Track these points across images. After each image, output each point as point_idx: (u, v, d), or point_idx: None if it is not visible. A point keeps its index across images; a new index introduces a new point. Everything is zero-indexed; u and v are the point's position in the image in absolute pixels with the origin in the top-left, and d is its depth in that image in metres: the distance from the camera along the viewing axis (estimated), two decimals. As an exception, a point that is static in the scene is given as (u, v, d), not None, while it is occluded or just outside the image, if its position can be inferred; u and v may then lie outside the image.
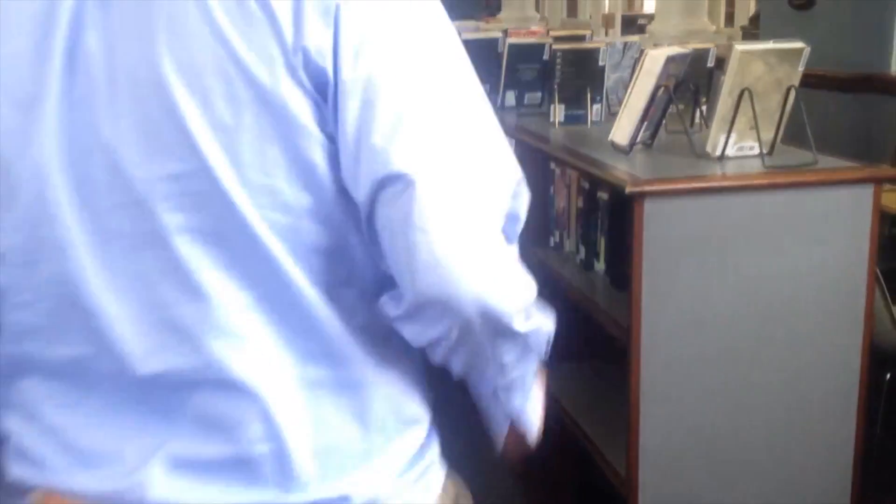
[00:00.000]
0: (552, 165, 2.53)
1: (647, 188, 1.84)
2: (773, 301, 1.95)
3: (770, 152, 2.02)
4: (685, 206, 1.88)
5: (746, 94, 1.93)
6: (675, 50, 2.17)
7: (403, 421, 0.85)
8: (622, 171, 1.96)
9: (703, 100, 2.41)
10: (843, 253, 1.95)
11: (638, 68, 2.10)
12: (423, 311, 0.78)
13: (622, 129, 2.11)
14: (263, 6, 0.72)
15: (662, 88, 2.06)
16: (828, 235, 1.94)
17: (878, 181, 1.92)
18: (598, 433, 2.27)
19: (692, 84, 2.34)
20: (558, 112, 2.56)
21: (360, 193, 0.75)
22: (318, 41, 0.72)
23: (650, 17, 6.26)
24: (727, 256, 1.91)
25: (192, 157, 0.73)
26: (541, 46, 2.78)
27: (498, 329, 0.83)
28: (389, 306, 0.80)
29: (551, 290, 2.51)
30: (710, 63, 2.40)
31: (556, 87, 2.56)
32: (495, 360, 0.88)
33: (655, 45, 2.49)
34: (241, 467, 0.78)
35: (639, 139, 2.13)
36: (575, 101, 2.58)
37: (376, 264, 0.80)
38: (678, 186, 1.87)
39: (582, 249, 2.43)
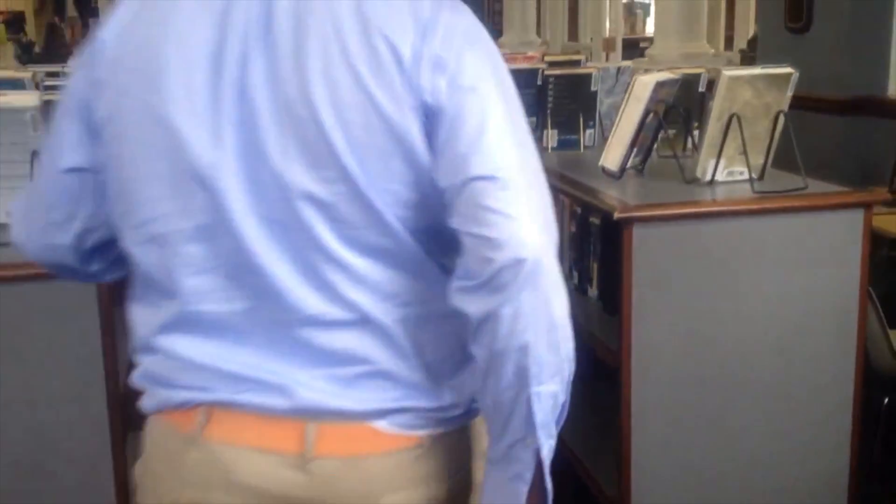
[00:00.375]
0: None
1: (636, 214, 1.84)
2: (764, 326, 1.94)
3: (760, 177, 2.01)
4: (674, 232, 1.88)
5: (735, 119, 1.93)
6: (665, 75, 2.17)
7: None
8: (612, 196, 1.96)
9: (696, 124, 2.41)
10: (835, 277, 1.94)
11: (627, 94, 2.10)
12: (503, 273, 0.97)
13: (612, 155, 2.11)
14: (394, 58, 0.99)
15: (652, 114, 2.06)
16: (818, 260, 1.94)
17: (868, 205, 1.91)
18: (589, 455, 2.26)
19: (683, 109, 2.34)
20: (551, 137, 2.57)
21: (448, 188, 1.01)
22: (428, 83, 1.00)
23: (651, 41, 6.28)
24: (717, 282, 1.90)
25: (337, 169, 1.00)
26: (534, 72, 2.79)
27: (552, 283, 1.02)
28: (459, 280, 1.01)
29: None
30: (702, 88, 2.41)
31: (548, 112, 2.56)
32: (538, 363, 1.01)
33: (646, 71, 2.50)
34: (378, 379, 1.04)
35: (629, 165, 2.14)
36: (568, 126, 2.59)
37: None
38: (667, 212, 1.87)
39: (575, 275, 2.42)
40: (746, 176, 1.99)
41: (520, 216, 0.99)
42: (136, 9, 1.07)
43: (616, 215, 1.83)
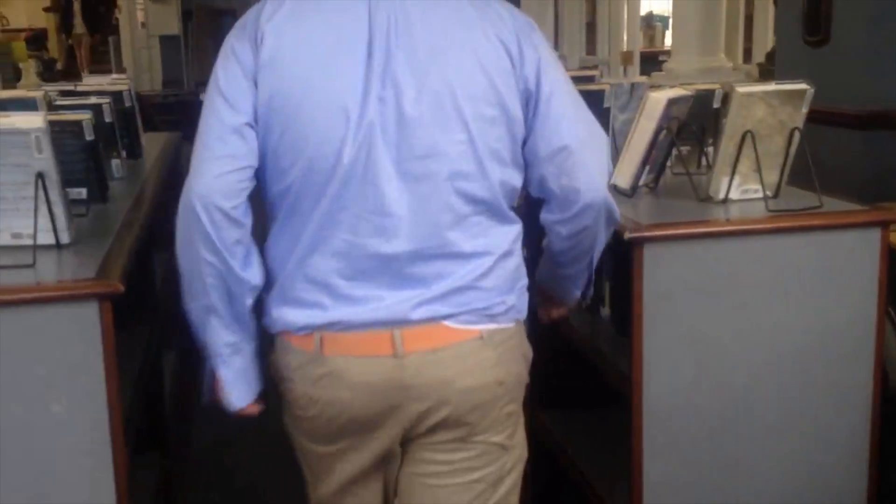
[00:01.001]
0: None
1: (647, 234, 1.81)
2: (780, 348, 1.90)
3: (775, 195, 1.98)
4: (687, 252, 1.84)
5: (749, 136, 1.89)
6: (678, 92, 2.14)
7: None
8: (623, 216, 1.92)
9: (710, 141, 2.37)
10: (851, 297, 1.90)
11: (639, 111, 2.07)
12: (583, 213, 1.49)
13: (624, 173, 2.08)
14: (507, 54, 1.41)
15: (664, 131, 2.03)
16: (834, 279, 1.89)
17: (885, 223, 1.87)
18: (601, 480, 2.22)
19: (697, 126, 2.30)
20: (563, 154, 2.53)
21: (544, 151, 1.46)
22: (530, 74, 1.42)
23: (670, 54, 6.24)
24: (731, 303, 1.86)
25: (466, 133, 1.39)
26: (547, 88, 2.76)
27: (611, 220, 1.56)
28: (554, 215, 1.52)
29: (555, 335, 2.49)
30: (717, 104, 2.37)
31: (561, 128, 2.53)
32: (597, 243, 1.59)
33: (659, 87, 2.47)
34: (466, 292, 1.43)
35: (641, 182, 2.10)
36: (581, 142, 2.55)
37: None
38: (679, 231, 1.84)
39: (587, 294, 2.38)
40: (761, 194, 1.95)
41: (591, 172, 1.47)
42: (290, 8, 1.42)
43: (627, 235, 1.80)
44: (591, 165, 1.47)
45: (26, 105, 2.42)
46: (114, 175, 2.50)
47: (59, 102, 2.44)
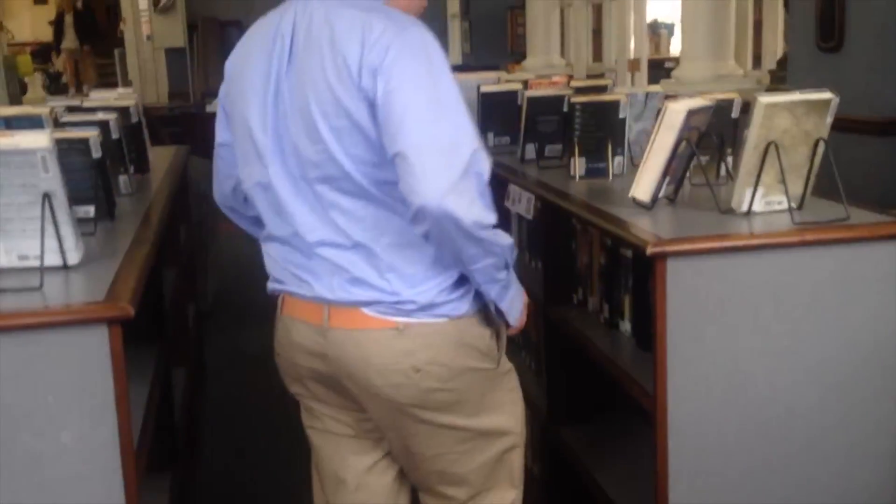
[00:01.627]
0: (573, 221, 2.45)
1: (670, 248, 1.76)
2: (809, 364, 1.84)
3: (799, 207, 1.93)
4: (711, 266, 1.79)
5: (773, 147, 1.84)
6: (697, 102, 2.10)
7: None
8: (643, 229, 1.88)
9: (729, 151, 2.32)
10: (881, 313, 1.84)
11: (658, 122, 2.02)
12: (418, 217, 1.50)
13: (643, 185, 2.03)
14: (348, 70, 1.51)
15: (684, 143, 1.98)
16: (863, 294, 1.84)
17: (915, 236, 1.81)
18: (624, 499, 2.17)
19: (716, 136, 2.25)
20: (579, 165, 2.49)
21: (390, 156, 1.51)
22: (368, 85, 1.51)
23: (677, 61, 6.19)
24: (757, 318, 1.81)
25: (322, 144, 1.55)
26: (560, 98, 2.72)
27: (463, 232, 1.51)
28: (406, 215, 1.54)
29: (574, 350, 2.44)
30: (735, 114, 2.32)
31: (576, 139, 2.49)
32: (463, 253, 1.56)
33: (675, 97, 2.42)
34: (362, 283, 1.60)
35: (661, 194, 2.05)
36: (596, 153, 2.50)
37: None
38: (703, 245, 1.79)
39: (606, 308, 2.34)
40: (785, 206, 1.90)
41: (427, 179, 1.47)
42: (241, 42, 1.72)
43: (649, 250, 1.75)
44: (429, 173, 1.47)
45: (32, 122, 2.38)
46: (121, 191, 2.46)
47: (65, 119, 2.40)
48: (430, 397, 1.66)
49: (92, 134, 2.03)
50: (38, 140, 1.56)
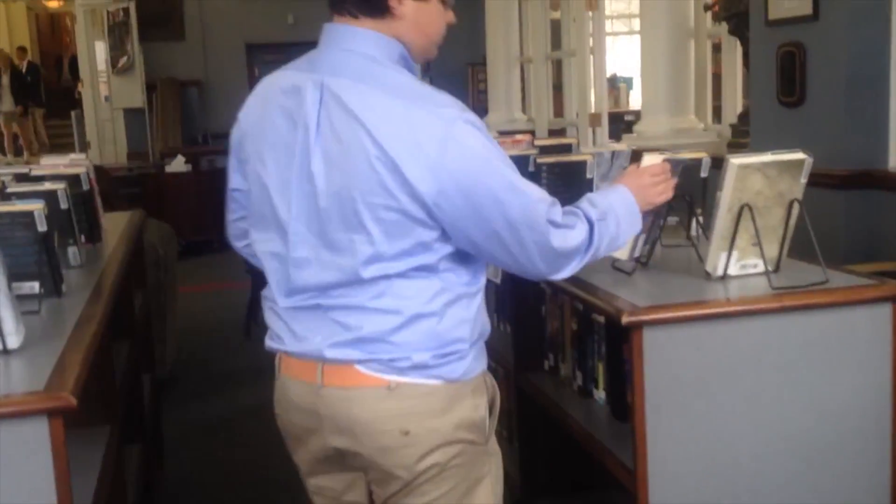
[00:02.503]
0: (542, 285, 2.37)
1: (646, 317, 1.69)
2: (790, 434, 1.78)
3: (776, 270, 1.87)
4: (688, 335, 1.72)
5: (746, 210, 1.79)
6: (671, 158, 2.05)
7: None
8: (617, 297, 1.81)
9: (699, 210, 2.27)
10: (863, 378, 1.79)
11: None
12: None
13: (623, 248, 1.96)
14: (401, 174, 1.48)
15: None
16: (844, 358, 1.79)
17: (895, 299, 1.76)
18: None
19: (686, 195, 2.20)
20: (546, 228, 2.42)
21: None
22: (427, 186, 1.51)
23: (637, 114, 6.21)
24: (738, 387, 1.74)
25: (365, 234, 1.52)
26: (525, 158, 2.66)
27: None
28: None
29: (548, 418, 2.35)
30: (704, 173, 2.27)
31: (542, 201, 2.42)
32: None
33: (643, 153, 2.38)
34: (375, 343, 1.55)
35: (637, 255, 1.99)
36: (564, 214, 2.44)
37: None
38: (679, 314, 1.72)
39: (579, 375, 2.26)
40: (761, 269, 1.85)
41: (526, 256, 1.56)
42: (258, 94, 1.64)
43: (624, 320, 1.68)
44: (528, 248, 1.58)
45: (-23, 192, 2.28)
46: (70, 263, 2.35)
47: (11, 189, 2.29)
48: (417, 467, 1.57)
49: (37, 206, 1.93)
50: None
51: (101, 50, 9.96)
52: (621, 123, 7.38)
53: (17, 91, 11.63)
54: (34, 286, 1.95)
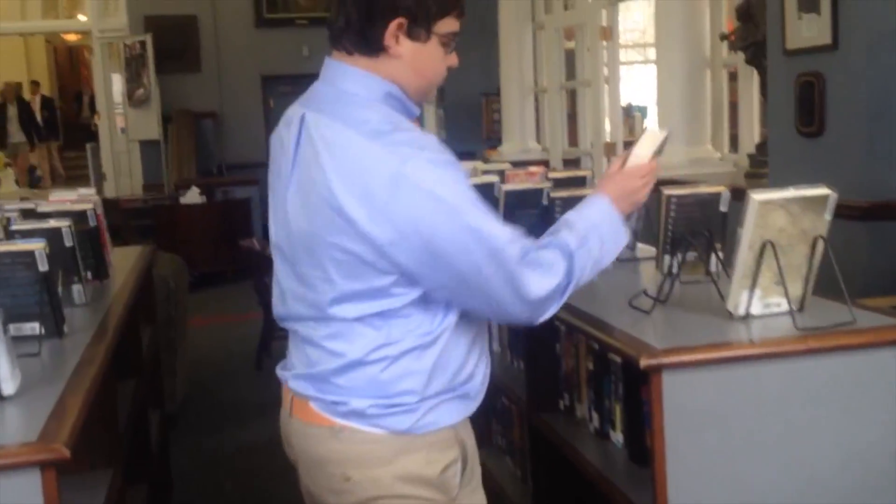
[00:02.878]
0: (556, 322, 2.30)
1: (665, 360, 1.62)
2: (817, 479, 1.70)
3: (800, 308, 1.80)
4: (709, 378, 1.65)
5: (769, 247, 1.72)
6: (688, 191, 2.00)
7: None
8: (634, 337, 1.74)
9: (718, 246, 2.21)
10: (892, 421, 1.70)
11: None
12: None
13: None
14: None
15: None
16: (873, 402, 1.71)
17: (926, 339, 1.69)
18: None
19: (705, 230, 2.14)
20: (561, 263, 2.36)
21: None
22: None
23: (652, 143, 6.12)
24: (762, 432, 1.67)
25: (322, 271, 1.52)
26: (539, 192, 2.61)
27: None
28: None
29: (562, 459, 2.28)
30: (723, 207, 2.21)
31: (557, 236, 2.36)
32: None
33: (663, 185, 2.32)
34: (322, 382, 1.57)
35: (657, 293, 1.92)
36: (578, 250, 2.38)
37: None
38: (700, 356, 1.65)
39: (595, 416, 2.18)
40: (785, 308, 1.78)
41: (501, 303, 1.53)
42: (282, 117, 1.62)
43: (643, 363, 1.61)
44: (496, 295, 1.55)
45: (-23, 229, 2.25)
46: (75, 302, 2.31)
47: (15, 227, 2.26)
48: None
49: (38, 246, 1.89)
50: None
51: (117, 82, 10.02)
52: (636, 153, 7.32)
53: (26, 123, 11.54)
54: (35, 327, 1.91)
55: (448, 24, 1.52)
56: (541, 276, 1.47)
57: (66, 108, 14.88)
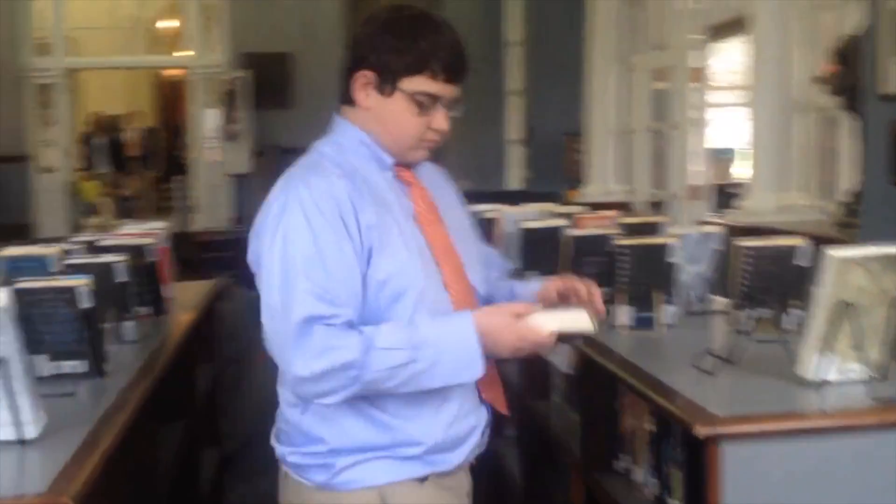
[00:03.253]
0: (615, 375, 2.17)
1: (724, 430, 1.48)
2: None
3: (881, 377, 1.63)
4: (775, 451, 1.50)
5: (847, 308, 1.57)
6: (763, 242, 1.86)
7: None
8: (694, 402, 1.60)
9: (795, 303, 2.05)
10: None
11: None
12: None
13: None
14: None
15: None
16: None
17: None
18: None
19: (778, 283, 1.99)
20: (624, 315, 2.23)
21: None
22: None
23: (741, 187, 5.94)
24: (833, 514, 1.50)
25: None
26: (605, 238, 2.48)
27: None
28: None
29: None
30: (802, 261, 2.05)
31: (620, 286, 2.24)
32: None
33: (736, 237, 2.18)
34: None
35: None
36: (644, 301, 2.25)
37: None
38: (765, 427, 1.50)
39: (653, 481, 2.03)
40: (863, 375, 1.62)
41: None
42: None
43: (700, 432, 1.47)
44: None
45: (37, 264, 2.25)
46: (126, 339, 2.28)
47: (68, 261, 2.25)
48: None
49: (79, 283, 1.86)
50: (-14, 299, 1.38)
51: (213, 116, 10.26)
52: (725, 196, 7.10)
53: (113, 153, 11.70)
54: (75, 365, 1.88)
55: (418, 84, 1.51)
56: (312, 356, 1.40)
57: (167, 141, 15.33)
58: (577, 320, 1.51)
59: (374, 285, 1.46)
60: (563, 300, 1.60)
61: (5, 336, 1.39)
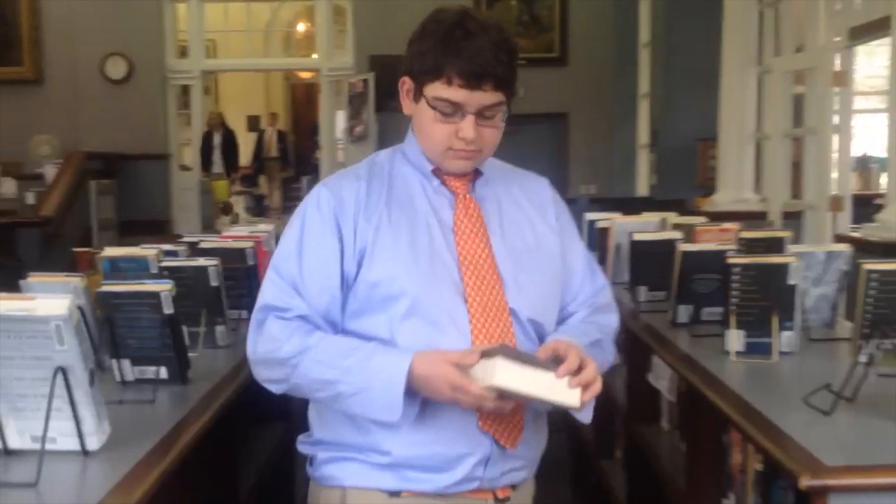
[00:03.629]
0: (723, 408, 2.00)
1: (832, 482, 1.31)
2: None
3: None
4: (893, 508, 1.32)
5: (984, 349, 1.37)
6: (891, 266, 1.66)
7: None
8: (800, 447, 1.43)
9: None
10: None
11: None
12: None
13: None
14: None
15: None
16: None
17: None
18: None
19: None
20: (735, 340, 2.05)
21: None
22: None
23: (886, 196, 5.54)
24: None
25: None
26: (720, 254, 2.30)
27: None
28: None
29: None
30: (938, 289, 1.83)
31: (733, 308, 2.06)
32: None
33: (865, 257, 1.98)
34: None
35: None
36: (759, 325, 2.06)
37: None
38: (880, 481, 1.32)
39: (763, 526, 1.85)
40: None
41: None
42: None
43: (803, 484, 1.31)
44: None
45: (137, 264, 2.26)
46: (218, 343, 2.26)
47: (164, 263, 2.25)
48: None
49: (164, 288, 1.84)
50: (56, 307, 1.35)
51: (340, 118, 10.42)
52: (870, 208, 6.66)
53: (227, 153, 11.55)
54: (158, 371, 1.86)
55: (435, 90, 1.48)
56: (259, 341, 1.50)
57: (301, 141, 15.72)
58: (552, 389, 1.36)
59: (366, 285, 1.47)
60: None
61: (67, 344, 1.37)
